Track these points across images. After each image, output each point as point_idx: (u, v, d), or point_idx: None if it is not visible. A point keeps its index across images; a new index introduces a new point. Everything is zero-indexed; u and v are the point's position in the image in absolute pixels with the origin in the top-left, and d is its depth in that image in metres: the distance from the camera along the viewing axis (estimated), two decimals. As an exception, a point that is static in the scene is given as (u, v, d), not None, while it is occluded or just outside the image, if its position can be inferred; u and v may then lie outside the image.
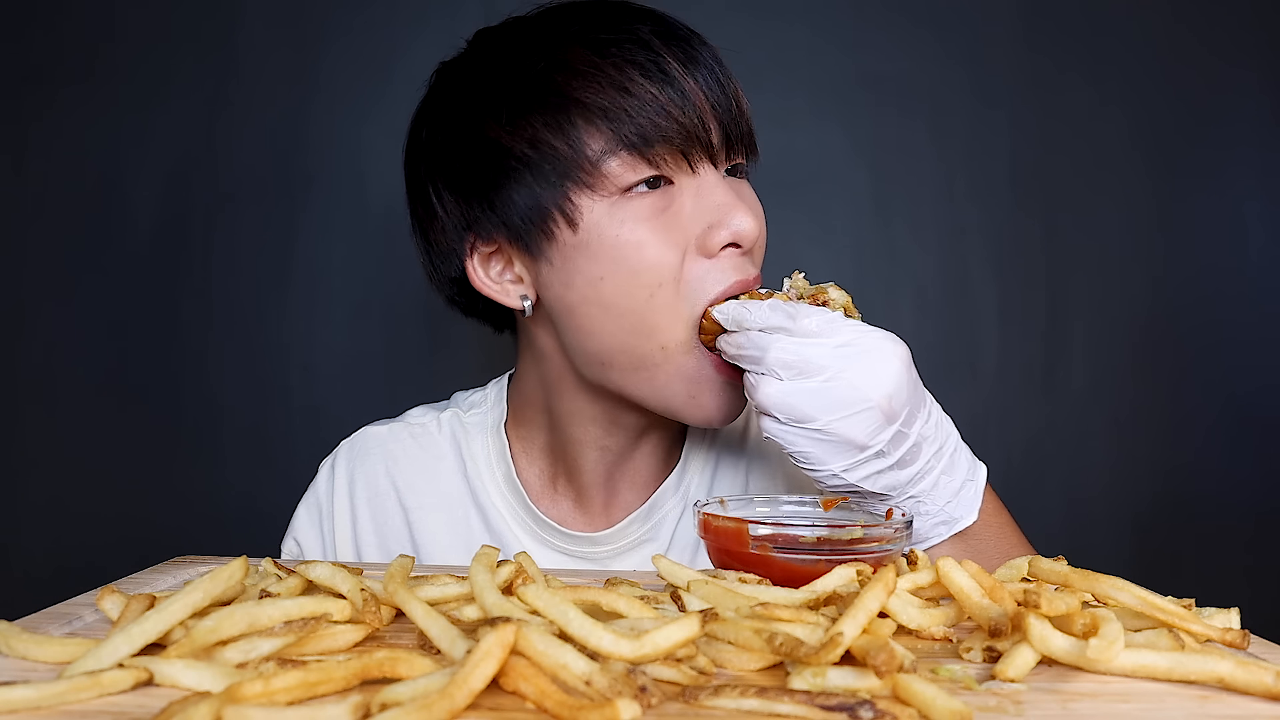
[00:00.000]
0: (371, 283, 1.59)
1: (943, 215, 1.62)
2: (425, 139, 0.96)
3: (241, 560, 0.58)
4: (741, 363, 0.81)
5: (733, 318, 0.81)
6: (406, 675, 0.47)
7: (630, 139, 0.84)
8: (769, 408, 0.79)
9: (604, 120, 0.84)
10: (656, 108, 0.84)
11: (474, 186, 0.90)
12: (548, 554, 1.01)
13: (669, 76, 0.85)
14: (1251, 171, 1.63)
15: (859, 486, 0.80)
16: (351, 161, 1.59)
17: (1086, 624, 0.52)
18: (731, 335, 0.82)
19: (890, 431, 0.78)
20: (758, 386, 0.79)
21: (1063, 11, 1.62)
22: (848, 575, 0.61)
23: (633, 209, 0.85)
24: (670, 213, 0.86)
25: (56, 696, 0.45)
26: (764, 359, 0.78)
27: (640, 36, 0.86)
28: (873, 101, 1.61)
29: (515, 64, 0.89)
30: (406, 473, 1.05)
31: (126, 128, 1.59)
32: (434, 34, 1.56)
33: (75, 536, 1.58)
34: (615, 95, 0.84)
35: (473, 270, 0.94)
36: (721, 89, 0.88)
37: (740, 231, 0.85)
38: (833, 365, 0.77)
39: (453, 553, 1.02)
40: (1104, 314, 1.62)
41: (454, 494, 1.04)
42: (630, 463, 1.02)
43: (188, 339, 1.59)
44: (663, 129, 0.84)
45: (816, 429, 0.77)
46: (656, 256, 0.85)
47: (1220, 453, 1.62)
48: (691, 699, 0.46)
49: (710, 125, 0.87)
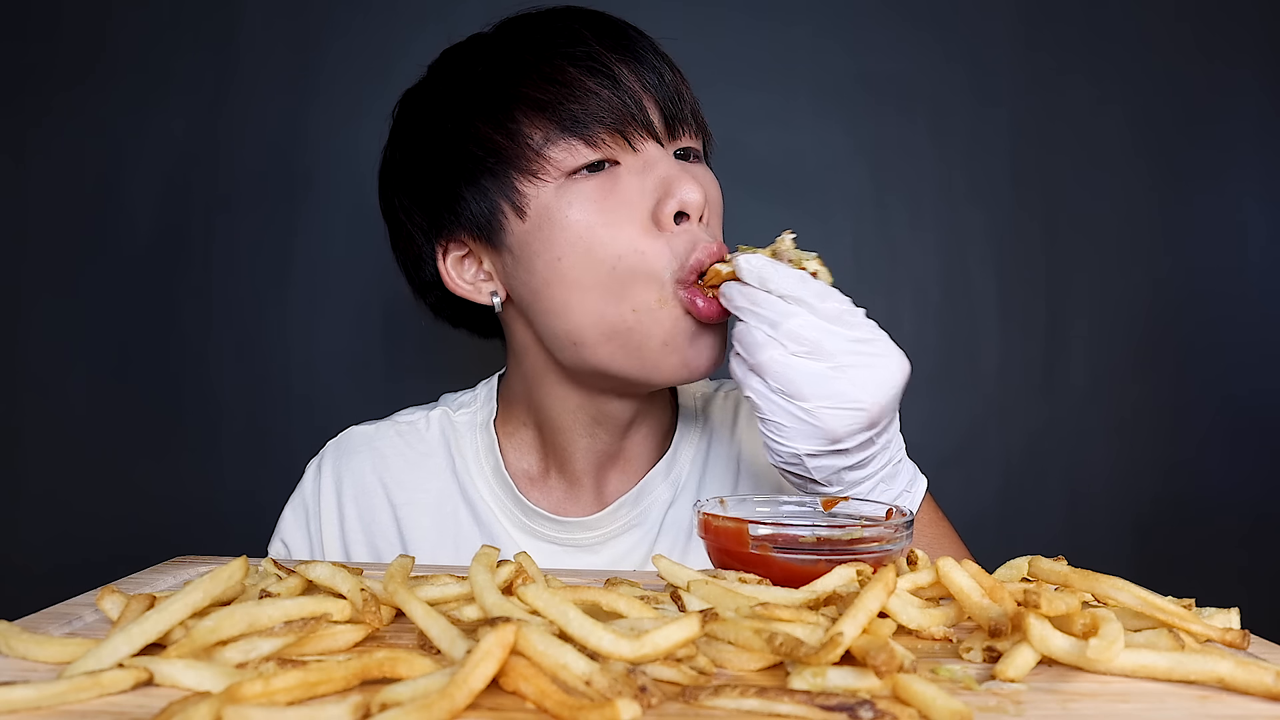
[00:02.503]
0: (371, 283, 1.59)
1: (943, 215, 1.62)
2: (390, 159, 1.03)
3: (241, 560, 0.58)
4: (745, 316, 0.82)
5: (757, 273, 0.81)
6: (406, 675, 0.47)
7: (567, 124, 0.89)
8: (766, 371, 0.80)
9: (541, 111, 0.90)
10: (589, 94, 0.89)
11: (434, 194, 0.97)
12: (537, 545, 1.02)
13: (600, 64, 0.89)
14: (1252, 172, 1.63)
15: (809, 472, 0.82)
16: (351, 161, 1.59)
17: (1086, 624, 0.52)
18: (746, 288, 0.82)
19: (865, 436, 0.81)
20: (762, 346, 0.80)
21: (1063, 11, 1.62)
22: (848, 575, 0.61)
23: (579, 190, 0.90)
24: (616, 192, 0.90)
25: (56, 696, 0.45)
26: (780, 325, 0.79)
27: (574, 33, 0.92)
28: (873, 101, 1.61)
29: (463, 75, 0.95)
30: (394, 469, 1.06)
31: (126, 127, 1.59)
32: (433, 34, 1.55)
33: (75, 536, 1.58)
34: (550, 87, 0.89)
35: (446, 273, 0.99)
36: (658, 74, 0.93)
37: (686, 200, 0.88)
38: (842, 357, 0.79)
39: (441, 549, 1.03)
40: (1104, 314, 1.62)
41: (442, 490, 1.05)
42: (620, 452, 1.04)
43: (188, 339, 1.59)
44: (596, 112, 0.88)
45: (803, 408, 0.79)
46: (608, 234, 0.89)
47: (1220, 453, 1.62)
48: (691, 699, 0.46)
49: (647, 104, 0.91)
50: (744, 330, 0.82)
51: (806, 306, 0.79)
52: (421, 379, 1.56)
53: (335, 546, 1.05)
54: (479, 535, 1.03)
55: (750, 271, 0.82)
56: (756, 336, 0.80)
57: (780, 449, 0.82)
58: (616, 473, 1.05)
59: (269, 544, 1.08)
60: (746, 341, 0.81)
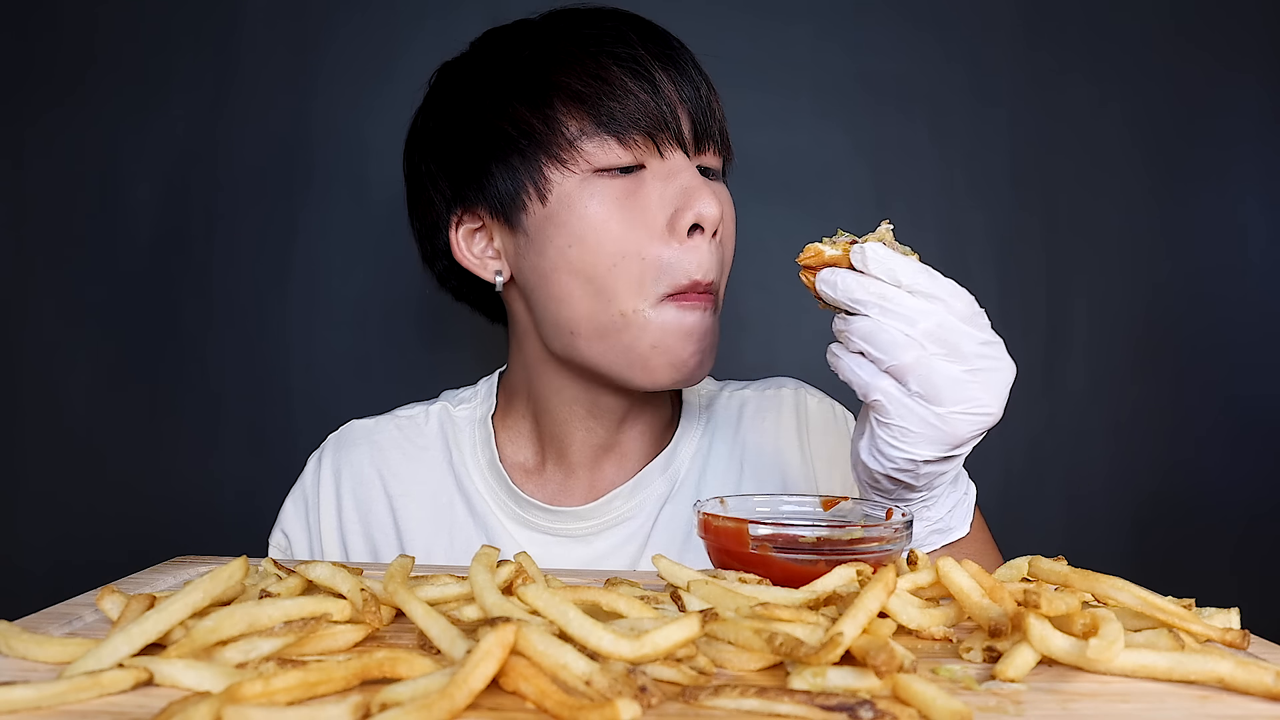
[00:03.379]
0: (372, 283, 1.59)
1: (943, 215, 1.62)
2: (421, 125, 1.04)
3: (241, 560, 0.58)
4: (870, 310, 0.74)
5: (886, 265, 0.74)
6: (406, 675, 0.47)
7: (604, 120, 0.91)
8: (909, 373, 0.73)
9: (580, 104, 0.92)
10: (629, 94, 0.90)
11: (464, 166, 0.99)
12: (531, 535, 1.03)
13: (643, 68, 0.91)
14: (1252, 172, 1.63)
15: (916, 480, 0.78)
16: (352, 161, 1.59)
17: (1086, 624, 0.52)
18: (871, 282, 0.74)
19: (974, 444, 0.77)
20: (903, 347, 0.73)
21: (1063, 11, 1.62)
22: (848, 575, 0.61)
23: (601, 186, 0.92)
24: (637, 196, 0.92)
25: (56, 696, 0.45)
26: (917, 324, 0.73)
27: (621, 34, 0.93)
28: (873, 101, 1.61)
29: (507, 56, 0.97)
30: (392, 462, 1.08)
31: (126, 127, 1.59)
32: (433, 34, 1.56)
33: (75, 536, 1.58)
34: (592, 82, 0.91)
35: (456, 243, 1.01)
36: (694, 87, 0.94)
37: (703, 214, 0.90)
38: (975, 360, 0.74)
39: (437, 541, 1.04)
40: (1104, 314, 1.62)
41: (439, 482, 1.07)
42: (617, 445, 1.06)
43: (188, 338, 1.59)
44: (633, 114, 0.90)
45: (937, 414, 0.73)
46: (620, 233, 0.91)
47: (1220, 453, 1.62)
48: (691, 699, 0.46)
49: (680, 115, 0.93)
50: (872, 328, 0.74)
51: (943, 305, 0.74)
52: (421, 379, 1.56)
53: (333, 539, 1.06)
54: (474, 526, 1.04)
55: (878, 263, 0.74)
56: (894, 336, 0.73)
57: (897, 455, 0.76)
58: (613, 465, 1.06)
59: (270, 535, 1.09)
60: (880, 341, 0.73)
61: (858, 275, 0.75)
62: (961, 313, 0.74)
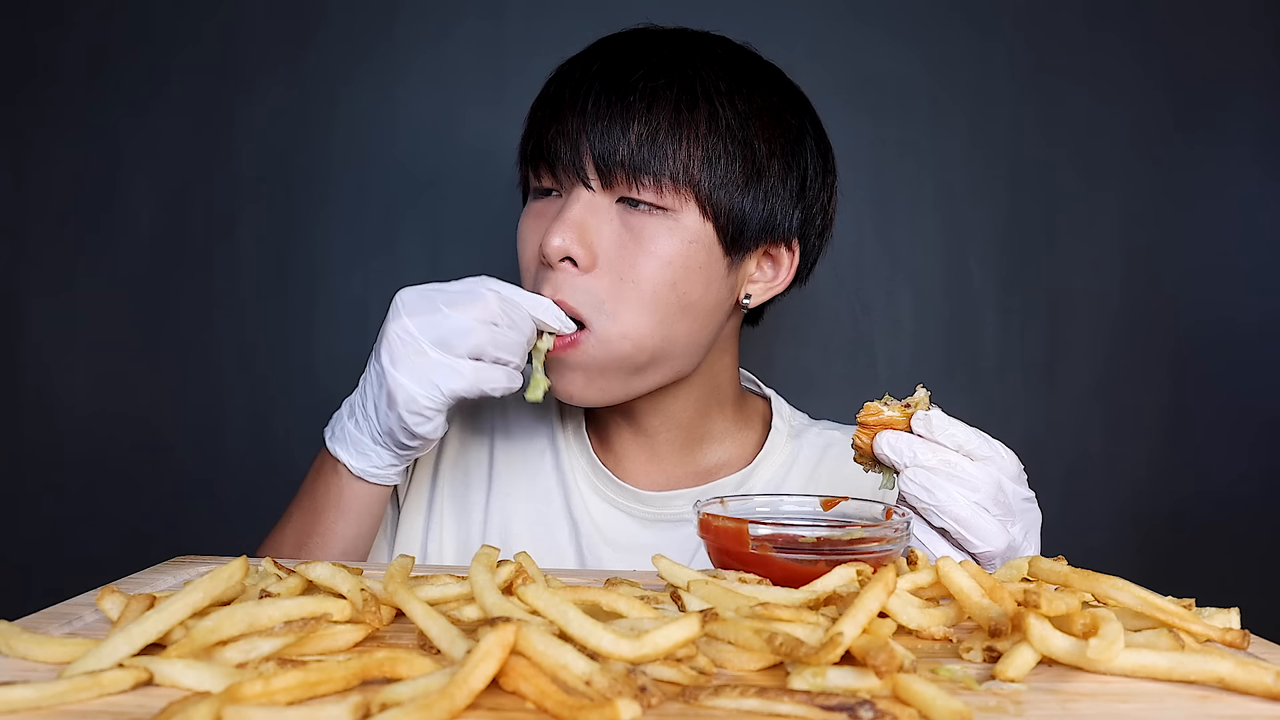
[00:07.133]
0: (372, 283, 1.59)
1: (943, 215, 1.62)
2: None
3: (241, 560, 0.58)
4: (939, 476, 0.79)
5: (949, 432, 0.79)
6: (406, 675, 0.47)
7: (524, 150, 1.04)
8: (956, 524, 0.80)
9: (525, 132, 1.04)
10: (543, 130, 0.99)
11: None
12: (597, 499, 1.10)
13: (568, 108, 0.98)
14: (1252, 172, 1.62)
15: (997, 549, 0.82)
16: (352, 161, 1.59)
17: (1086, 624, 0.52)
18: (939, 449, 0.80)
19: None
20: (960, 505, 0.79)
21: (1063, 11, 1.61)
22: (848, 575, 0.61)
23: (530, 206, 1.04)
24: (541, 218, 1.00)
25: (56, 696, 0.45)
26: (979, 489, 0.79)
27: (589, 71, 0.99)
28: (873, 101, 1.61)
29: (551, 76, 1.06)
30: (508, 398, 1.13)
31: (126, 127, 1.59)
32: (434, 35, 1.56)
33: (75, 536, 1.58)
34: (535, 113, 1.03)
35: None
36: (620, 126, 0.95)
37: (543, 244, 0.96)
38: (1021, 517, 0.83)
39: (524, 476, 1.12)
40: (1104, 314, 1.62)
41: (535, 431, 1.15)
42: (700, 449, 1.12)
43: (188, 338, 1.59)
44: (540, 149, 1.00)
45: (979, 551, 0.81)
46: (523, 249, 1.02)
47: (1220, 452, 1.62)
48: (691, 699, 0.46)
49: (582, 153, 0.97)
50: (938, 489, 0.79)
51: (998, 467, 0.81)
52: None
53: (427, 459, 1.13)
54: (556, 480, 1.11)
55: (946, 432, 0.80)
56: (958, 499, 0.79)
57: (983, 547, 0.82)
58: (695, 464, 1.11)
59: None
60: (939, 499, 0.79)
61: (925, 441, 0.80)
62: (1010, 472, 0.82)
